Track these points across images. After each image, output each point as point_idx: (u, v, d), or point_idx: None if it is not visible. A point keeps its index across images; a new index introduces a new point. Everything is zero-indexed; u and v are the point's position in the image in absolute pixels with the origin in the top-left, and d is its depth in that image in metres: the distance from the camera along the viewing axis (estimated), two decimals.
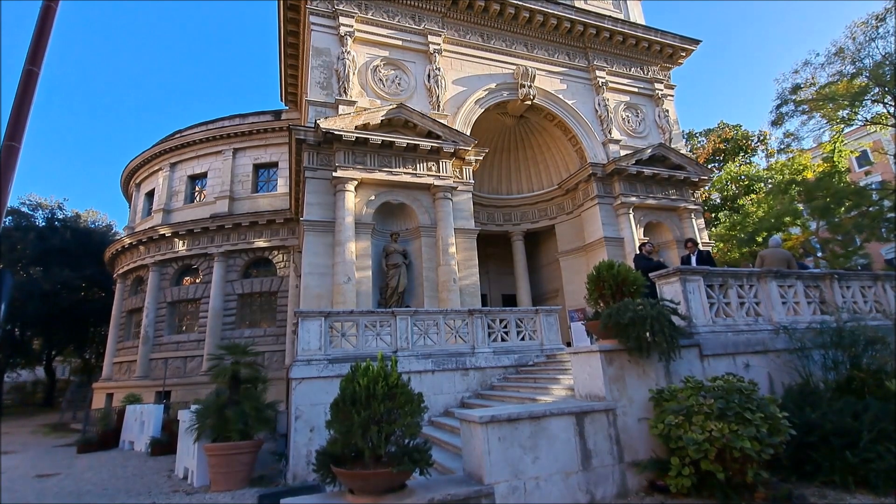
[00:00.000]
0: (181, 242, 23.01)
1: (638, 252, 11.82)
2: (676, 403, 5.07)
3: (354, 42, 15.00)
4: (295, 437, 8.53)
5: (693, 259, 9.61)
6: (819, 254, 25.61)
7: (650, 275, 7.00)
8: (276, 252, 22.47)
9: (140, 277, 24.79)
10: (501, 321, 10.93)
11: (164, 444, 13.10)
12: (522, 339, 10.94)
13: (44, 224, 35.04)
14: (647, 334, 5.36)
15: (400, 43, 15.76)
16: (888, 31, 19.70)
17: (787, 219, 23.81)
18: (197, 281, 23.05)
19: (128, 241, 24.71)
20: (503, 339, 10.76)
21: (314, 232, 13.00)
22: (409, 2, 16.07)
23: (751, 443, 4.44)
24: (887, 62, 19.22)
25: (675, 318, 5.71)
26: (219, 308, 21.55)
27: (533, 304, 18.62)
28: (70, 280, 31.77)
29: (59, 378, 42.63)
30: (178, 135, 25.85)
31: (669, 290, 6.69)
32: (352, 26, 15.03)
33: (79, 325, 35.07)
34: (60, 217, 36.47)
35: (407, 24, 15.96)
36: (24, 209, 34.99)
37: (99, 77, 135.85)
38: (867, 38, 20.28)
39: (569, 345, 15.26)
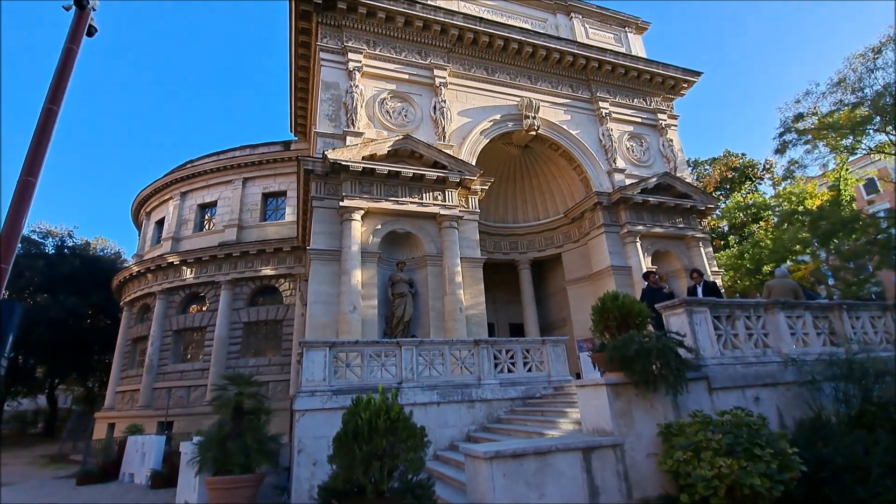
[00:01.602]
0: (189, 270, 23.21)
1: (644, 281, 11.77)
2: (685, 439, 4.96)
3: (362, 76, 15.47)
4: (297, 471, 8.36)
5: (699, 290, 9.54)
6: (830, 282, 25.31)
7: (656, 306, 6.95)
8: (282, 280, 22.57)
9: (146, 305, 24.90)
10: (508, 352, 10.81)
11: (165, 477, 12.86)
12: (529, 370, 10.79)
13: (53, 252, 35.50)
14: (654, 367, 5.29)
15: (407, 77, 16.23)
16: (887, 63, 20.02)
17: (797, 247, 23.64)
18: (203, 309, 23.12)
19: (136, 268, 24.98)
20: (510, 371, 10.61)
21: (320, 260, 13.09)
22: (415, 38, 16.63)
23: (761, 479, 4.32)
24: (888, 92, 19.45)
25: (681, 351, 5.65)
26: (224, 336, 21.53)
27: (541, 333, 18.44)
28: (77, 307, 31.93)
29: (61, 407, 42.29)
30: (190, 164, 26.43)
31: (676, 321, 6.62)
32: (360, 61, 15.53)
33: (83, 353, 35.02)
34: (70, 245, 36.98)
35: (413, 59, 16.47)
36: (35, 237, 35.54)
37: (114, 107, 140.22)
38: (866, 69, 20.61)
39: (578, 376, 15.02)
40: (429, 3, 17.20)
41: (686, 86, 21.10)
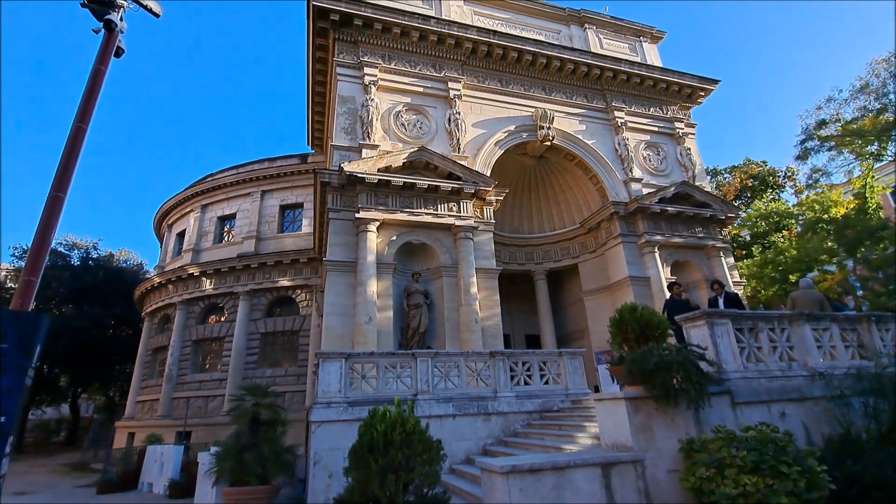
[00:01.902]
0: (208, 281, 23.62)
1: (668, 293, 11.56)
2: (708, 455, 4.83)
3: (378, 90, 15.69)
4: (313, 483, 8.35)
5: (720, 301, 9.32)
6: (859, 292, 24.50)
7: (676, 318, 6.82)
8: (299, 291, 22.81)
9: (167, 316, 25.38)
10: (524, 364, 10.70)
11: (183, 487, 12.98)
12: (546, 382, 10.65)
13: (78, 263, 36.52)
14: (674, 381, 5.18)
15: (421, 89, 16.42)
16: None
17: (823, 257, 22.99)
18: (222, 319, 23.46)
19: (157, 279, 25.52)
20: (526, 383, 10.49)
21: (336, 272, 13.20)
22: (430, 52, 16.84)
23: (788, 499, 4.18)
24: None
25: (703, 364, 5.52)
26: (242, 347, 21.79)
27: (558, 344, 18.22)
28: (100, 318, 32.70)
29: (83, 416, 43.12)
30: (210, 178, 27.06)
31: (697, 334, 6.48)
32: (375, 75, 15.77)
33: (105, 363, 35.75)
34: (94, 256, 38.01)
35: (428, 72, 16.67)
36: (61, 249, 36.65)
37: (139, 120, 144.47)
38: (890, 74, 20.12)
39: (596, 389, 14.78)
40: (443, 17, 17.45)
41: (703, 94, 20.88)
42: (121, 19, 6.18)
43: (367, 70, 15.72)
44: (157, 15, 6.48)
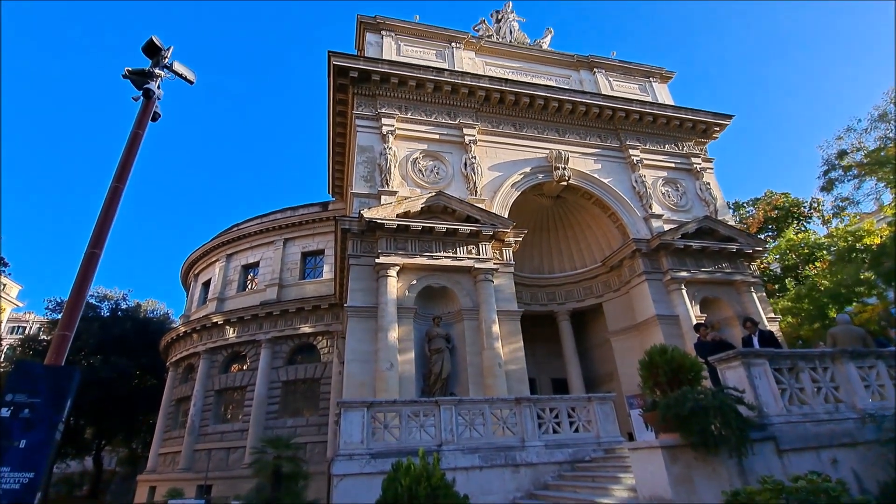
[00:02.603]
0: (231, 330, 23.87)
1: (695, 333, 11.16)
2: None
3: (395, 138, 16.24)
4: None
5: (754, 340, 8.91)
6: None
7: (709, 359, 6.54)
8: (320, 338, 22.81)
9: (191, 365, 25.57)
10: (552, 410, 10.29)
11: None
12: (576, 430, 10.18)
13: (108, 315, 37.46)
14: (713, 427, 4.90)
15: (437, 137, 16.92)
16: None
17: (861, 288, 22.04)
18: (244, 368, 23.50)
19: (182, 329, 25.92)
20: (555, 431, 10.05)
21: (357, 317, 13.20)
22: (444, 101, 17.48)
23: None
24: None
25: (741, 408, 5.23)
26: (263, 395, 21.66)
27: (586, 388, 17.59)
28: (126, 368, 33.10)
29: (106, 468, 42.88)
30: (235, 228, 27.93)
31: (733, 375, 6.18)
32: (393, 125, 16.37)
33: (130, 414, 35.84)
34: (123, 307, 38.99)
35: (443, 120, 17.23)
36: (92, 301, 37.72)
37: (171, 174, 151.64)
38: None
39: (630, 436, 14.08)
40: (456, 69, 18.21)
41: (718, 129, 20.95)
42: (158, 87, 6.64)
43: (384, 120, 16.35)
44: (191, 82, 6.93)
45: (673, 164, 19.74)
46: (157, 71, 6.62)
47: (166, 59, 6.79)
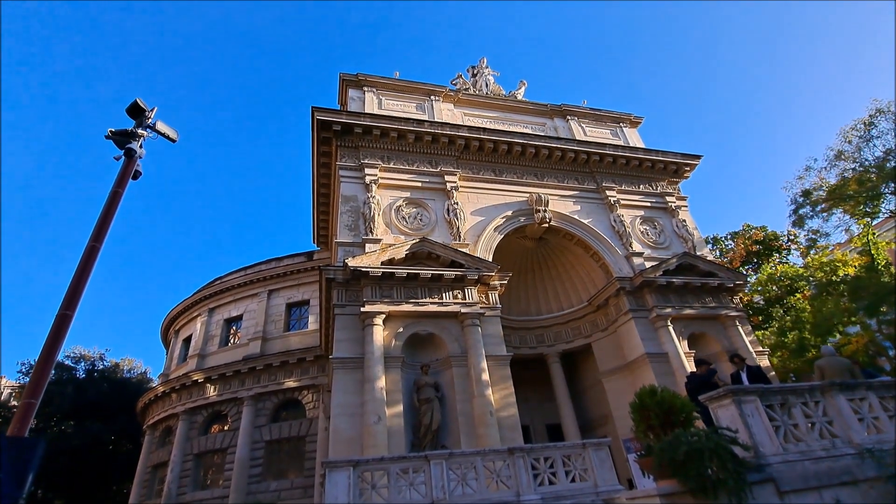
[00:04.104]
0: (212, 388, 22.94)
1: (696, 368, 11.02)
2: None
3: (378, 187, 16.49)
4: None
5: (743, 376, 8.87)
6: (891, 352, 23.46)
7: (699, 398, 6.46)
8: (305, 392, 22.03)
9: (169, 428, 24.31)
10: (547, 459, 9.89)
11: None
12: (573, 480, 9.75)
13: (83, 376, 35.72)
14: (709, 471, 4.77)
15: (420, 184, 17.25)
16: (882, 132, 20.54)
17: (844, 319, 22.41)
18: (225, 428, 22.41)
19: (161, 388, 24.80)
20: (551, 482, 9.60)
21: (343, 369, 12.85)
22: (425, 150, 17.96)
23: None
24: (890, 157, 19.70)
25: (736, 449, 5.12)
26: (245, 457, 20.55)
27: (581, 432, 17.16)
28: (100, 434, 31.34)
29: None
30: (218, 281, 27.44)
31: (725, 414, 6.09)
32: (376, 174, 16.67)
33: (103, 484, 33.58)
34: (100, 367, 37.29)
35: (425, 168, 17.63)
36: (68, 362, 36.00)
37: (150, 227, 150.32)
38: (862, 139, 21.10)
39: (630, 483, 13.60)
40: (436, 120, 18.86)
41: (688, 168, 21.79)
42: (140, 146, 6.69)
43: (367, 170, 16.65)
44: (173, 140, 7.02)
45: (649, 203, 20.32)
46: (139, 131, 6.70)
47: (150, 120, 6.90)
